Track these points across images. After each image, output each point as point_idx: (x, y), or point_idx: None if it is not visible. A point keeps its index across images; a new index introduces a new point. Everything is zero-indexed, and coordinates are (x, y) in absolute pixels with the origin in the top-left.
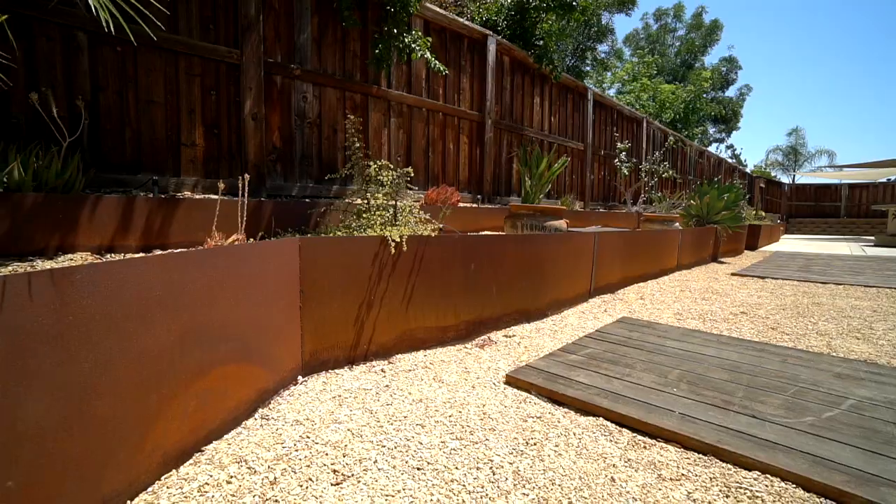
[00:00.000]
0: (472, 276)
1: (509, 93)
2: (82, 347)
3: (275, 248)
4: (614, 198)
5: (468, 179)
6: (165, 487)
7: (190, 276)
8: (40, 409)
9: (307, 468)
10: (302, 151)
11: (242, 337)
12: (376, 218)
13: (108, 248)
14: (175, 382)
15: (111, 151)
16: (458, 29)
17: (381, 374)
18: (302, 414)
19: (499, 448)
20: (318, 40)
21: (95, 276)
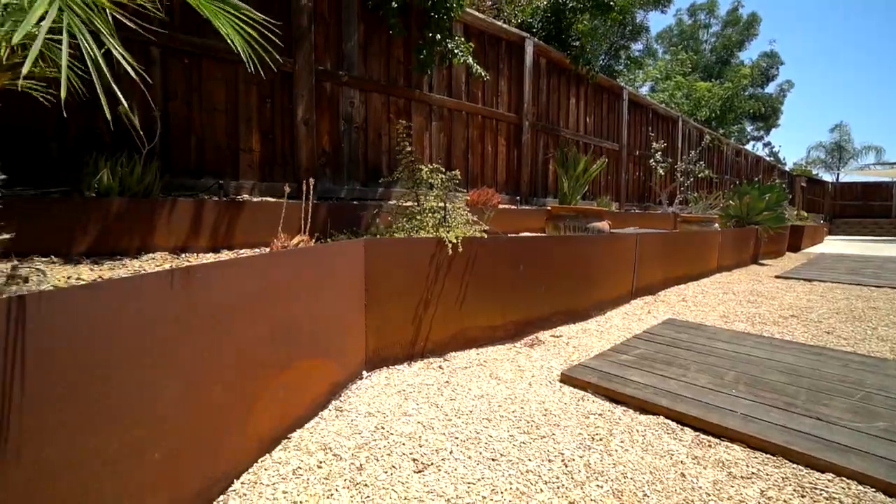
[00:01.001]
0: (520, 277)
1: (545, 94)
2: (202, 339)
3: (344, 249)
4: (649, 198)
5: (506, 181)
6: (263, 469)
7: (278, 275)
8: (174, 394)
9: (388, 456)
10: (349, 155)
11: (319, 332)
12: (428, 220)
13: (182, 248)
14: (267, 373)
15: (178, 157)
16: (496, 32)
17: (439, 371)
18: (373, 406)
19: (566, 442)
20: (364, 47)
21: (209, 274)
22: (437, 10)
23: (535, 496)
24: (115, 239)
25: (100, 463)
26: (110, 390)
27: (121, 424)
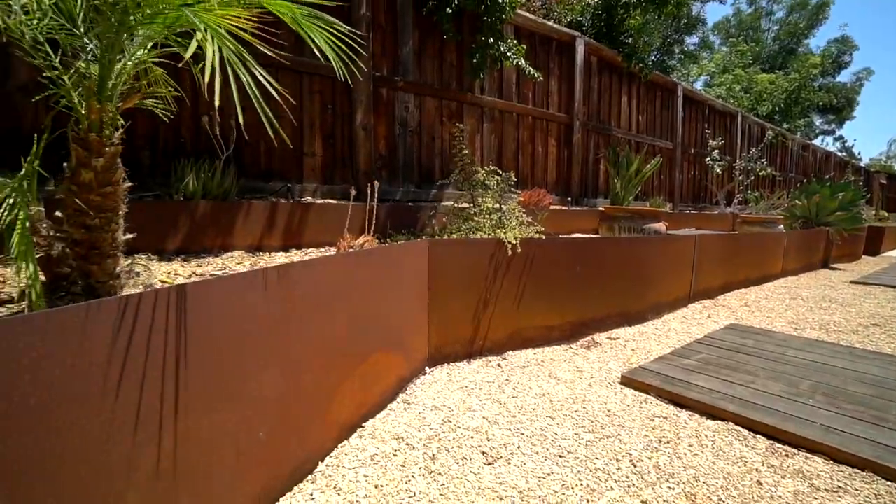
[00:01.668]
0: (576, 278)
1: (597, 93)
2: (295, 331)
3: (410, 249)
4: (705, 198)
5: (556, 181)
6: (343, 454)
7: (356, 273)
8: (274, 379)
9: (458, 448)
10: (404, 158)
11: (389, 328)
12: (485, 221)
13: (257, 247)
14: (346, 365)
15: (249, 162)
16: (546, 32)
17: (498, 369)
18: (438, 400)
19: (633, 443)
20: (418, 53)
21: (301, 272)
22: (490, 13)
23: (606, 493)
24: (199, 238)
25: (222, 435)
26: (227, 371)
27: (237, 403)
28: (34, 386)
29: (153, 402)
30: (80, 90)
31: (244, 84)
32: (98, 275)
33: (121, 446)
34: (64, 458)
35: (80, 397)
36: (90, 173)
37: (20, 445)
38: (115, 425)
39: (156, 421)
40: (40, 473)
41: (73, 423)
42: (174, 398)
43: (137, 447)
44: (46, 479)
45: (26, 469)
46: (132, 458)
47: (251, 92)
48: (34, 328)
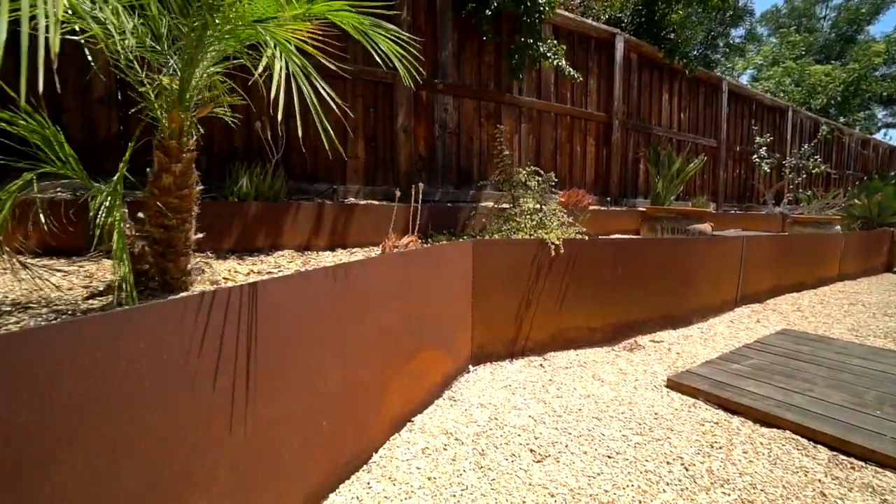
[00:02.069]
0: (618, 280)
1: (636, 91)
2: (354, 327)
3: (456, 250)
4: (751, 198)
5: (594, 181)
6: (395, 447)
7: (407, 272)
8: (336, 372)
9: (506, 445)
10: (443, 160)
11: (437, 326)
12: (526, 221)
13: (305, 246)
14: (398, 361)
15: (296, 165)
16: (585, 31)
17: (540, 369)
18: (483, 398)
19: (683, 447)
20: (457, 55)
21: (359, 270)
22: (530, 14)
23: (659, 496)
24: (252, 237)
25: (292, 423)
26: (296, 364)
27: (305, 394)
28: (150, 368)
29: (241, 387)
30: (161, 102)
31: (304, 95)
32: (173, 271)
33: (214, 428)
34: (174, 436)
35: (185, 380)
36: (170, 177)
37: (142, 422)
38: (210, 408)
39: (242, 406)
40: (160, 448)
41: (180, 404)
42: (255, 385)
43: (226, 429)
44: (162, 453)
45: (150, 444)
46: (223, 439)
47: (311, 103)
48: (153, 315)
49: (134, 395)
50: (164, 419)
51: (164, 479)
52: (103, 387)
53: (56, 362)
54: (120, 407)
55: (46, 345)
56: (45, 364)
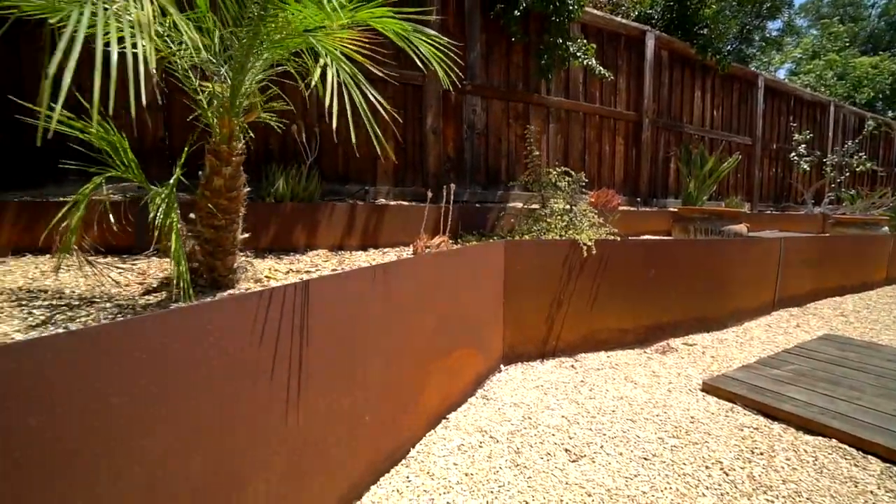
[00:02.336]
0: (650, 281)
1: (667, 88)
2: (393, 325)
3: (489, 250)
4: (788, 197)
5: (623, 181)
6: (432, 443)
7: (443, 271)
8: (378, 368)
9: (541, 444)
10: (471, 160)
11: (470, 326)
12: (556, 222)
13: (339, 246)
14: (434, 358)
15: (328, 166)
16: (614, 28)
17: (572, 370)
18: (516, 398)
19: (722, 452)
20: (485, 56)
21: (398, 270)
22: (559, 13)
23: (698, 500)
24: (287, 237)
25: (339, 414)
26: (342, 358)
27: (350, 387)
28: (220, 357)
29: (294, 380)
30: (213, 108)
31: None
32: (221, 269)
33: (271, 417)
34: (238, 423)
35: (247, 371)
36: (220, 180)
37: (212, 409)
38: (269, 398)
39: (295, 397)
40: (226, 435)
41: (242, 394)
42: (307, 378)
43: (282, 420)
44: (228, 439)
45: (217, 430)
46: (279, 428)
47: (361, 109)
48: (221, 310)
49: (203, 384)
50: (230, 408)
51: (229, 463)
52: (183, 375)
53: (150, 351)
54: (196, 394)
55: (138, 335)
56: (136, 353)
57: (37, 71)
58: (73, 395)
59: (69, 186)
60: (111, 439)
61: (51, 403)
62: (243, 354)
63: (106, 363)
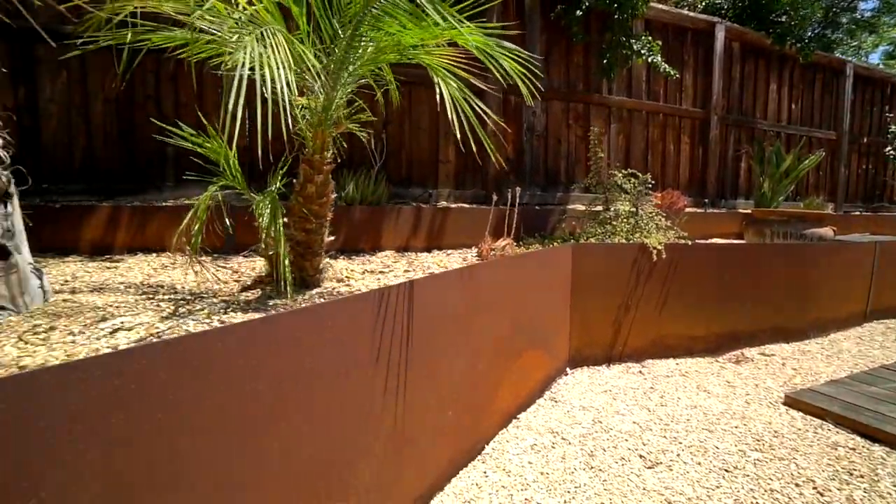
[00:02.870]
0: (724, 288)
1: (738, 83)
2: (473, 324)
3: (557, 253)
4: (882, 196)
5: (689, 181)
6: (505, 441)
7: (516, 274)
8: (461, 365)
9: (614, 449)
10: (530, 162)
11: (540, 328)
12: (621, 225)
13: (404, 248)
14: (507, 359)
15: (392, 170)
16: (680, 22)
17: (640, 376)
18: (584, 401)
19: (814, 470)
20: (545, 57)
21: (480, 272)
22: (622, 10)
23: None
24: (357, 239)
25: (426, 409)
26: (431, 355)
27: (436, 383)
28: (338, 350)
29: (394, 374)
30: (306, 121)
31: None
32: (309, 269)
33: (375, 406)
34: (348, 410)
35: (359, 361)
36: (313, 187)
37: (329, 397)
38: (373, 390)
39: (395, 390)
40: (337, 420)
41: (349, 385)
42: (405, 372)
43: (383, 409)
44: (339, 424)
45: (331, 416)
46: (380, 417)
47: (473, 121)
48: (337, 308)
49: (325, 374)
50: (343, 397)
51: (342, 445)
52: (310, 365)
53: (287, 343)
54: (319, 382)
55: (280, 329)
56: (275, 346)
57: (146, 92)
58: (231, 377)
59: (167, 192)
60: (259, 416)
61: (216, 381)
62: (356, 348)
63: (254, 353)
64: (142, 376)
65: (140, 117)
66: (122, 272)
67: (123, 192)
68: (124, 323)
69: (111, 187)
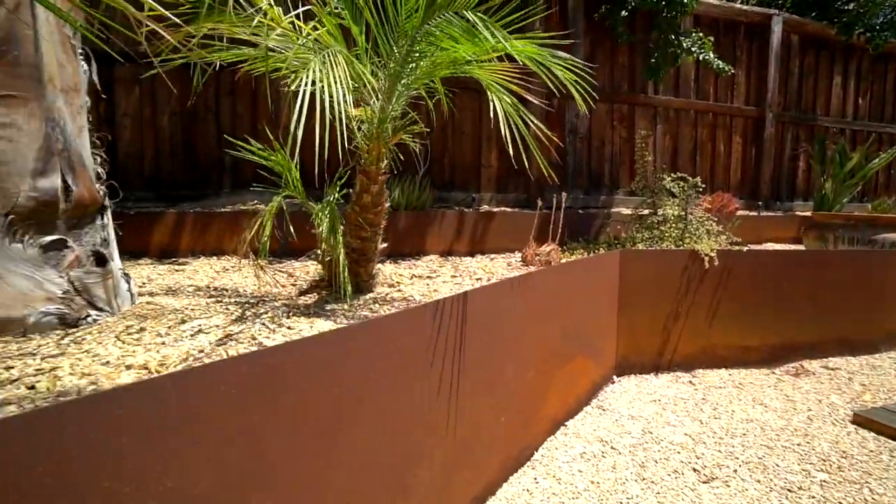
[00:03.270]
0: (782, 296)
1: (797, 78)
2: (524, 331)
3: (604, 260)
4: None
5: (740, 183)
6: (554, 448)
7: (564, 281)
8: (511, 373)
9: (666, 461)
10: (573, 165)
11: (585, 335)
12: (670, 230)
13: (448, 252)
14: (555, 366)
15: (435, 175)
16: (732, 16)
17: (690, 386)
18: (633, 410)
19: (891, 497)
20: (588, 58)
21: (531, 280)
22: (671, 9)
23: None
24: (402, 243)
25: (481, 415)
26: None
27: (490, 390)
28: (398, 361)
29: (452, 382)
30: (362, 133)
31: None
32: (363, 275)
33: (435, 415)
34: (411, 417)
35: (419, 369)
36: (369, 196)
37: (392, 403)
38: (431, 398)
39: (454, 397)
40: (402, 426)
41: (415, 387)
42: (460, 380)
43: (444, 416)
44: (404, 430)
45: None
46: (439, 424)
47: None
48: (399, 319)
49: (390, 379)
50: (407, 401)
51: (405, 448)
52: (380, 371)
53: (360, 352)
54: (386, 387)
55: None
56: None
57: (207, 105)
58: (322, 380)
59: (224, 198)
60: (335, 420)
61: (309, 385)
62: (415, 358)
63: (334, 363)
64: (242, 382)
65: (201, 129)
66: (188, 275)
67: (185, 198)
68: (201, 326)
69: (174, 194)
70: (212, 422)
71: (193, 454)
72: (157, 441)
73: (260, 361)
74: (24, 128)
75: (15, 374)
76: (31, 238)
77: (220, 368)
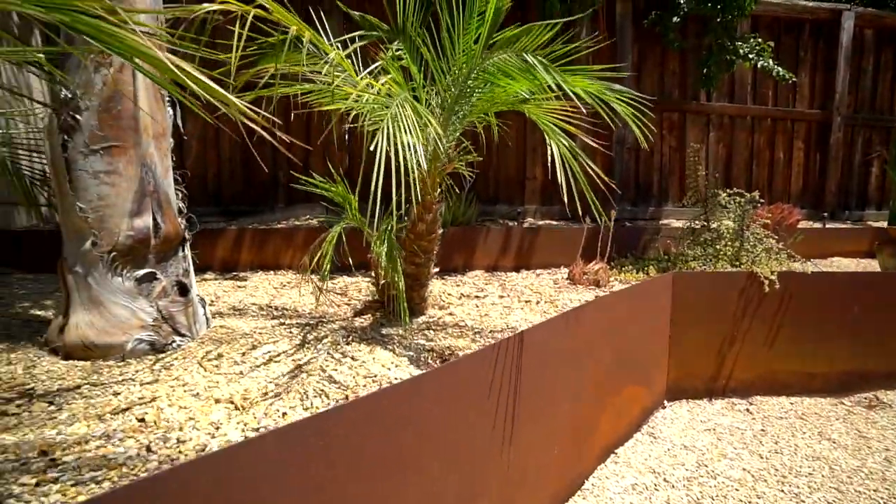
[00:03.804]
0: (853, 321)
1: (870, 76)
2: (578, 362)
3: (657, 285)
4: None
5: (801, 191)
6: (605, 477)
7: (616, 308)
8: (566, 404)
9: (724, 499)
10: (620, 176)
11: (636, 360)
12: (725, 248)
13: (493, 267)
14: (608, 393)
15: (480, 189)
16: (796, 15)
17: (747, 415)
18: (685, 439)
19: None
20: (637, 67)
21: (582, 315)
22: (727, 12)
23: None
24: (448, 258)
25: (535, 444)
26: (539, 395)
27: (545, 420)
28: (462, 401)
29: (509, 414)
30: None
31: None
32: (416, 299)
33: (492, 448)
34: (474, 449)
35: (480, 404)
36: (423, 225)
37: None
38: (492, 430)
39: (509, 429)
40: (464, 459)
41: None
42: (517, 413)
43: (500, 449)
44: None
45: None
46: (496, 456)
47: (578, 173)
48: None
49: (458, 416)
50: (470, 436)
51: (470, 481)
52: (451, 408)
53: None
54: (447, 429)
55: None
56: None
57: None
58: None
59: (278, 213)
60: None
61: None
62: (478, 396)
63: (405, 407)
64: (327, 433)
65: (258, 150)
66: (250, 291)
67: (243, 213)
68: (270, 353)
69: (233, 209)
70: (300, 471)
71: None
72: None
73: (361, 408)
74: (124, 174)
75: (123, 404)
76: (127, 272)
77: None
